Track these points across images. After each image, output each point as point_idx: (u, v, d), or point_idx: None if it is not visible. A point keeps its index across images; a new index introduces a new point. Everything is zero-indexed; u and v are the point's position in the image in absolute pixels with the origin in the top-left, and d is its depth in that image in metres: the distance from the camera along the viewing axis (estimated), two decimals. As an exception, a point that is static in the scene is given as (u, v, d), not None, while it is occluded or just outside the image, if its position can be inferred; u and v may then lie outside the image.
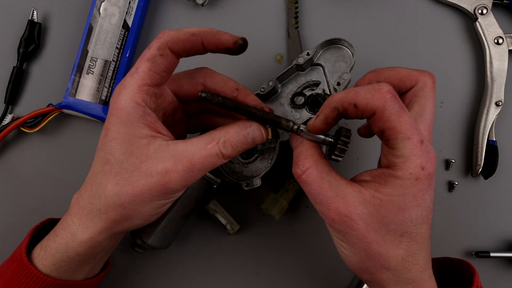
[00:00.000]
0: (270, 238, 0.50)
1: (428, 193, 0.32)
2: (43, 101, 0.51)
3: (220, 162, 0.35)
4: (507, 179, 0.50)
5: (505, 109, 0.50)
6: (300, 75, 0.46)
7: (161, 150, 0.33)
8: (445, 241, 0.50)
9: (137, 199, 0.34)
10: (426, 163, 0.31)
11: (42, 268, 0.37)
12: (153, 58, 0.34)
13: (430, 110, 0.36)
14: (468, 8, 0.50)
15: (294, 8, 0.51)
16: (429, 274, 0.34)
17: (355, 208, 0.32)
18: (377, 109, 0.30)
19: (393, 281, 0.33)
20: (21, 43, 0.51)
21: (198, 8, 0.52)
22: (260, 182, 0.43)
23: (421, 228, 0.32)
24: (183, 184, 0.34)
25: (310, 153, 0.34)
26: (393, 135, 0.31)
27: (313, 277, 0.50)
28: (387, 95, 0.30)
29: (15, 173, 0.51)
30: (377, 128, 0.31)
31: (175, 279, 0.50)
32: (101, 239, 0.36)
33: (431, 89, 0.36)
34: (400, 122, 0.30)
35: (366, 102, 0.31)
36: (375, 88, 0.31)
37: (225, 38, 0.34)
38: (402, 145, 0.31)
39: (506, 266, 0.50)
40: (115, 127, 0.34)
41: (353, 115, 0.32)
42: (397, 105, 0.30)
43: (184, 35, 0.34)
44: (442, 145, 0.51)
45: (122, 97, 0.34)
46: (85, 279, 0.39)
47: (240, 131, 0.35)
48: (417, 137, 0.31)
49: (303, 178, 0.33)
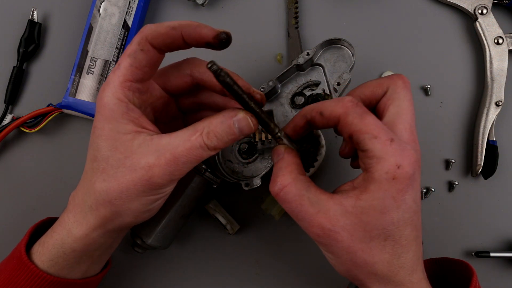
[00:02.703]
0: (270, 238, 0.50)
1: (408, 194, 0.31)
2: (43, 101, 0.51)
3: (207, 154, 0.33)
4: (507, 179, 0.50)
5: (505, 109, 0.50)
6: (300, 75, 0.46)
7: (145, 144, 0.33)
8: (445, 241, 0.50)
9: (123, 195, 0.33)
10: (402, 160, 0.31)
11: (40, 264, 0.37)
12: (134, 54, 0.33)
13: (407, 110, 0.35)
14: (468, 8, 0.50)
15: (294, 8, 0.51)
16: (418, 277, 0.34)
17: (338, 221, 0.32)
18: (340, 115, 0.33)
19: (382, 285, 0.33)
20: (21, 43, 0.51)
21: (198, 8, 0.53)
22: (260, 182, 0.43)
23: (405, 230, 0.32)
24: (168, 178, 0.33)
25: (289, 170, 0.34)
26: (360, 136, 0.32)
27: (313, 276, 0.50)
28: (348, 103, 0.33)
29: (15, 173, 0.51)
30: (345, 134, 0.33)
31: (175, 279, 0.50)
32: (95, 236, 0.36)
33: (403, 88, 0.35)
34: (364, 123, 0.32)
35: (331, 110, 0.33)
36: (338, 99, 0.34)
37: (205, 31, 0.33)
38: (371, 145, 0.31)
39: (506, 266, 0.50)
40: (100, 124, 0.34)
41: (320, 123, 0.34)
42: (359, 109, 0.32)
43: (164, 29, 0.33)
44: (442, 145, 0.51)
45: (105, 94, 0.34)
46: (83, 277, 0.39)
47: (225, 120, 0.33)
48: (385, 135, 0.31)
49: (281, 195, 0.33)
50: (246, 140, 0.46)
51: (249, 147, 0.45)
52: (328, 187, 0.36)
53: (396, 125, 0.34)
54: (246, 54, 0.52)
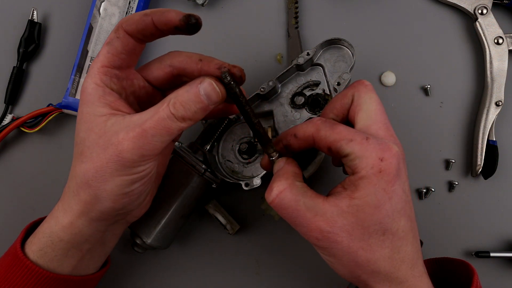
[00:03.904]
0: (270, 238, 0.50)
1: (397, 184, 0.32)
2: (43, 101, 0.51)
3: (176, 125, 0.33)
4: (507, 179, 0.50)
5: (505, 109, 0.50)
6: (300, 75, 0.46)
7: (117, 123, 0.33)
8: (445, 241, 0.50)
9: (98, 174, 0.34)
10: (383, 153, 0.32)
11: (31, 254, 0.37)
12: (111, 41, 0.35)
13: (376, 111, 0.35)
14: (468, 8, 0.50)
15: (294, 8, 0.51)
16: (419, 271, 0.34)
17: (336, 222, 0.32)
18: (313, 133, 0.34)
19: (385, 284, 0.33)
20: (21, 43, 0.51)
21: (198, 8, 0.53)
22: (260, 182, 0.43)
23: (400, 221, 0.32)
24: (138, 152, 0.33)
25: (285, 177, 0.34)
26: (337, 144, 0.33)
27: (313, 276, 0.50)
28: (318, 121, 0.35)
29: (15, 173, 0.51)
30: (324, 148, 0.34)
31: (175, 279, 0.50)
32: (81, 225, 0.36)
33: (366, 92, 0.36)
34: (336, 132, 0.33)
35: (303, 131, 0.35)
36: (309, 121, 0.35)
37: (172, 15, 0.33)
38: (350, 148, 0.32)
39: (506, 266, 0.50)
40: (80, 108, 0.35)
41: (295, 145, 0.36)
42: (328, 124, 0.34)
43: (137, 16, 0.34)
44: (442, 145, 0.51)
45: (86, 80, 0.35)
46: (76, 274, 0.39)
47: (190, 89, 0.33)
48: (359, 136, 0.32)
49: (277, 202, 0.33)
50: (246, 140, 0.46)
51: (249, 147, 0.45)
52: (327, 190, 0.36)
53: (370, 128, 0.35)
54: (246, 54, 0.52)
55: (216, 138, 0.46)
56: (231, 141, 0.47)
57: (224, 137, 0.47)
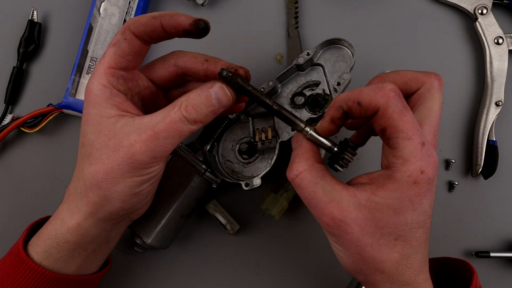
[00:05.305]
0: (270, 238, 0.50)
1: (426, 198, 0.31)
2: (43, 101, 0.51)
3: (187, 128, 0.34)
4: (507, 179, 0.50)
5: (505, 109, 0.50)
6: (300, 75, 0.46)
7: (127, 125, 0.34)
8: (445, 241, 0.50)
9: (109, 176, 0.34)
10: (426, 166, 0.30)
11: (35, 256, 0.37)
12: (117, 43, 0.35)
13: (436, 113, 0.35)
14: (468, 8, 0.50)
15: (294, 8, 0.51)
16: (424, 277, 0.34)
17: (350, 212, 0.31)
18: (380, 106, 0.30)
19: (387, 283, 0.33)
20: (21, 43, 0.50)
21: (198, 8, 0.53)
22: (260, 182, 0.43)
23: (417, 232, 0.32)
24: (150, 154, 0.33)
25: (305, 157, 0.34)
26: (394, 133, 0.30)
27: (313, 276, 0.50)
28: (390, 93, 0.30)
29: (15, 173, 0.51)
30: (379, 126, 0.31)
31: (175, 279, 0.50)
32: (88, 226, 0.36)
33: (438, 91, 0.35)
34: (402, 120, 0.30)
35: (370, 100, 0.31)
36: (378, 87, 0.31)
37: (182, 19, 0.34)
38: (403, 145, 0.30)
39: (506, 266, 0.50)
40: (86, 110, 0.35)
41: (357, 114, 0.32)
42: (400, 103, 0.30)
43: (145, 19, 0.35)
44: (442, 145, 0.51)
45: (91, 81, 0.35)
46: (79, 274, 0.39)
47: (201, 93, 0.34)
48: (419, 138, 0.30)
49: (297, 181, 0.33)
50: (246, 140, 0.46)
51: (249, 147, 0.45)
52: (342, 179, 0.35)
53: (423, 126, 0.34)
54: (246, 54, 0.52)
55: (216, 138, 0.46)
56: (231, 141, 0.47)
57: (224, 137, 0.47)
